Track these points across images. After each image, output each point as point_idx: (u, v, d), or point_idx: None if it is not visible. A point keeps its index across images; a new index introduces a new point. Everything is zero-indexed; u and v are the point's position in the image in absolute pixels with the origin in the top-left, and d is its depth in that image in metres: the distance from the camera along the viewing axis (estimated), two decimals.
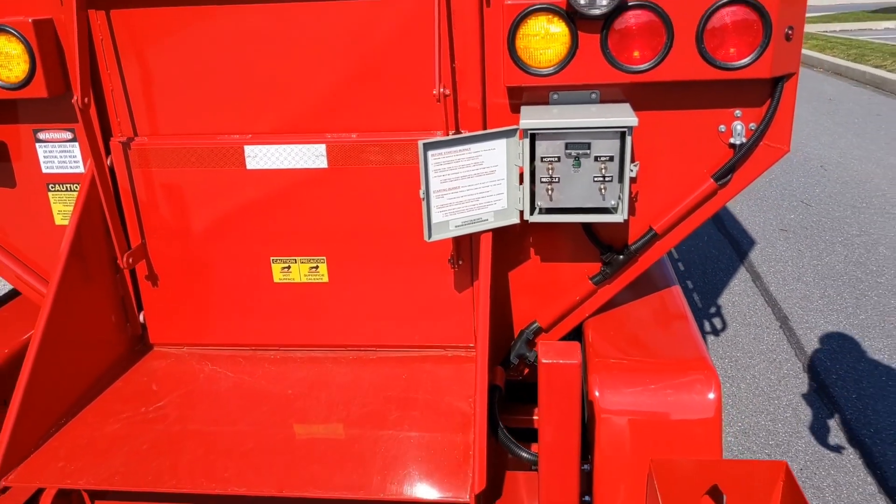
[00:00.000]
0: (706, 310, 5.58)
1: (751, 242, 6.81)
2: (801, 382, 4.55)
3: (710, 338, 5.18)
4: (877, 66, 14.78)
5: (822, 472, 3.73)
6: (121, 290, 2.75)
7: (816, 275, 6.03)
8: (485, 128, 2.32)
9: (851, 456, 3.83)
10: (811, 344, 4.99)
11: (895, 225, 6.83)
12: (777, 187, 8.17)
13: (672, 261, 5.97)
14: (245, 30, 2.36)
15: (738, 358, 4.88)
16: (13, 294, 3.13)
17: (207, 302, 2.70)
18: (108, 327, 2.71)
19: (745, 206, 7.68)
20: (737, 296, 5.80)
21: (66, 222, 2.70)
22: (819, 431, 4.06)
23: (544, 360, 1.70)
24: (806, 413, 4.24)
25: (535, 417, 2.70)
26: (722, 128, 2.28)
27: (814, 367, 4.69)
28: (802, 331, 5.17)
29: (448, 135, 2.26)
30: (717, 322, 5.40)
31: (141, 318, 2.78)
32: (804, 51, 17.88)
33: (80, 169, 2.63)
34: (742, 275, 6.17)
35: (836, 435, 4.01)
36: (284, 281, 2.62)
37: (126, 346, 2.79)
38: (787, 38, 2.13)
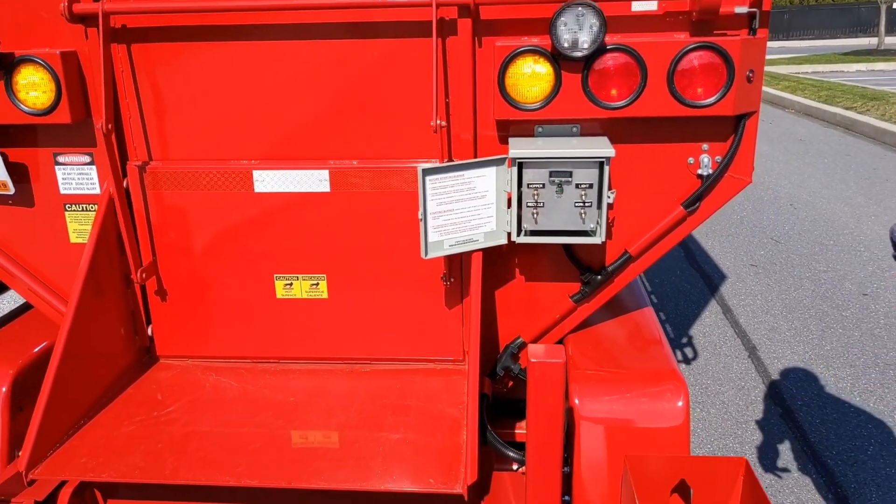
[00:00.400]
0: (678, 340, 5.81)
1: (722, 277, 7.08)
2: (768, 408, 4.77)
3: (682, 366, 5.40)
4: (847, 108, 15.32)
5: (786, 490, 3.93)
6: (131, 304, 2.92)
7: (784, 308, 6.29)
8: (475, 157, 2.55)
9: (814, 475, 4.05)
10: (778, 372, 5.22)
11: (861, 261, 7.12)
12: (748, 225, 8.48)
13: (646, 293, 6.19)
14: (255, 63, 2.57)
15: (708, 385, 5.10)
16: (25, 307, 3.29)
17: (213, 316, 2.88)
18: (118, 339, 2.88)
19: (717, 242, 7.97)
20: (708, 327, 6.04)
21: (80, 240, 2.88)
22: (784, 453, 4.27)
23: (533, 360, 1.90)
24: (772, 436, 4.45)
25: (517, 431, 2.89)
26: (690, 160, 2.52)
27: (780, 394, 4.92)
28: (770, 360, 5.41)
29: (443, 162, 2.49)
30: (688, 351, 5.62)
31: (149, 331, 2.95)
32: (777, 92, 18.53)
33: (96, 190, 2.81)
34: (713, 307, 6.42)
35: (800, 456, 4.23)
36: (286, 297, 2.81)
37: (133, 358, 2.95)
38: (749, 79, 2.39)
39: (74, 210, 2.86)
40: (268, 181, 2.66)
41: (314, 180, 2.65)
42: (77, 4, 2.46)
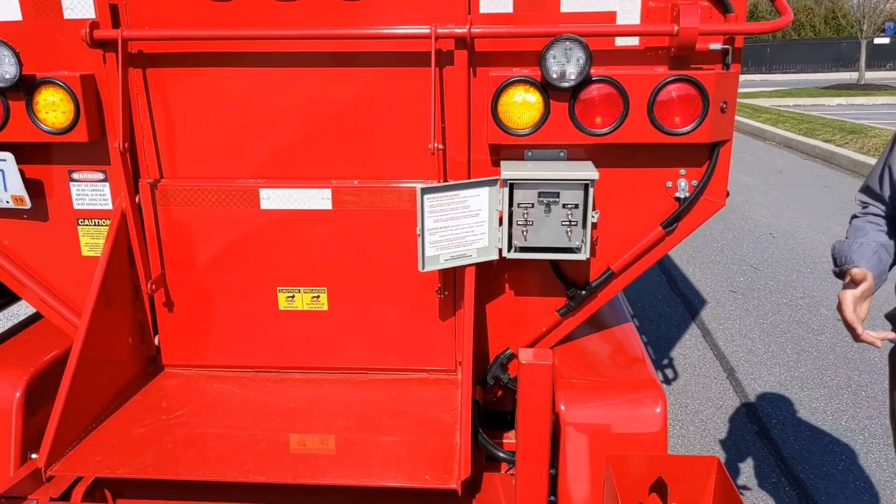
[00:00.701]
0: (660, 361, 5.99)
1: (702, 302, 7.28)
2: (745, 426, 4.95)
3: (663, 386, 5.56)
4: (826, 141, 15.70)
5: (760, 500, 4.10)
6: (139, 314, 3.07)
7: (762, 332, 6.49)
8: (469, 178, 2.73)
9: (787, 488, 4.22)
10: (755, 393, 5.41)
11: (837, 288, 7.24)
12: (728, 252, 8.72)
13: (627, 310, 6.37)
14: (263, 88, 2.74)
15: (687, 404, 5.27)
16: (35, 317, 3.43)
17: (217, 326, 3.02)
18: (126, 348, 3.02)
19: (698, 268, 8.19)
20: (688, 349, 6.23)
21: (91, 253, 3.02)
22: (759, 467, 4.44)
23: (524, 362, 2.07)
24: (748, 451, 4.63)
25: (506, 440, 3.05)
26: (669, 184, 2.72)
27: (756, 413, 5.10)
28: (747, 381, 5.59)
29: (440, 183, 2.67)
30: (669, 372, 5.80)
31: (156, 340, 3.10)
32: (758, 124, 18.92)
33: (109, 206, 2.96)
34: (693, 331, 6.61)
35: (774, 471, 4.40)
36: (288, 309, 2.96)
37: (140, 367, 3.09)
38: (722, 110, 2.59)
39: (87, 224, 3.01)
40: (273, 199, 2.83)
41: (317, 198, 2.82)
42: (98, 31, 2.63)
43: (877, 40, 35.27)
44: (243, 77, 2.75)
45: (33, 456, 2.90)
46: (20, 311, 4.66)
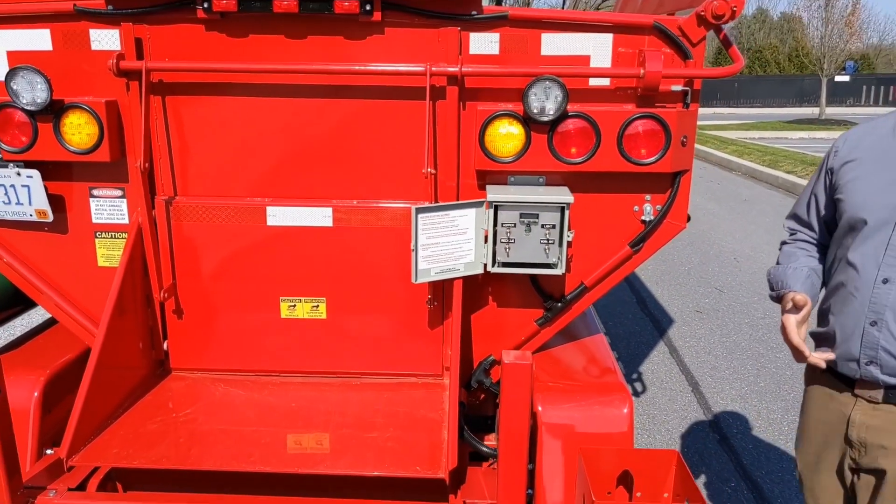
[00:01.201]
0: (629, 376, 6.30)
1: (670, 321, 7.64)
2: (707, 435, 5.28)
3: (632, 398, 5.88)
4: (788, 172, 16.28)
5: (720, 502, 4.42)
6: (150, 321, 3.32)
7: (725, 349, 6.85)
8: (458, 200, 3.03)
9: (746, 491, 4.55)
10: (717, 405, 5.75)
11: None
12: (694, 275, 9.10)
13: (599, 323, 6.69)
14: (272, 116, 3.02)
15: (654, 415, 5.59)
16: (50, 322, 3.67)
17: (223, 333, 3.27)
18: (137, 352, 3.26)
19: (666, 290, 8.56)
20: (656, 365, 6.57)
21: (106, 264, 3.26)
22: (720, 472, 4.77)
23: (506, 362, 2.36)
24: (710, 457, 4.95)
25: (487, 443, 3.32)
26: (636, 208, 3.04)
27: (718, 424, 5.44)
28: (710, 394, 5.94)
29: (432, 204, 2.97)
30: (637, 386, 6.13)
31: (165, 345, 3.34)
32: (725, 155, 19.49)
33: (125, 220, 3.20)
34: (661, 348, 6.95)
35: (734, 475, 4.72)
36: (290, 317, 3.23)
37: (149, 370, 3.32)
38: (683, 144, 2.92)
39: (104, 237, 3.25)
40: (279, 216, 3.11)
41: (319, 216, 3.10)
42: (124, 62, 2.90)
43: (837, 78, 36.64)
44: (254, 105, 3.02)
45: (48, 451, 3.13)
46: (33, 318, 4.88)
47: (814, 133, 26.87)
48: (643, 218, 3.04)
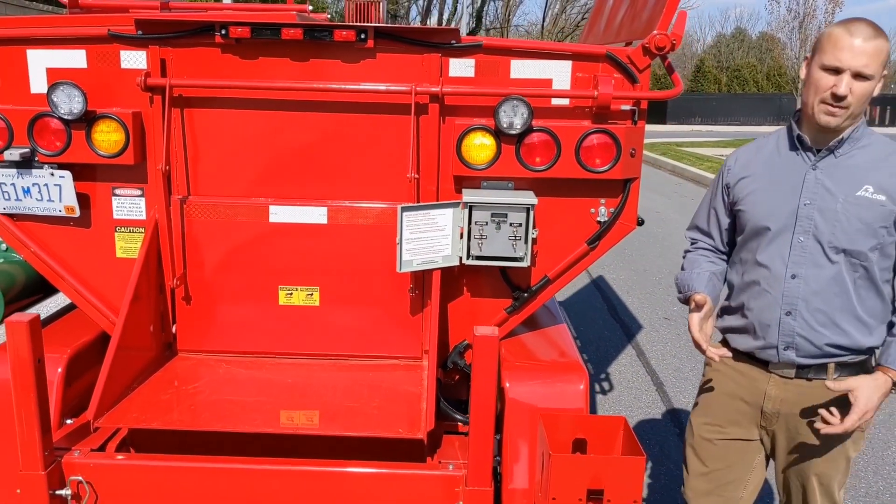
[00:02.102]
0: (597, 375, 6.75)
1: (638, 327, 8.10)
2: (669, 429, 5.72)
3: (599, 396, 6.34)
4: None
5: (679, 492, 4.84)
6: (161, 307, 3.72)
7: (689, 353, 7.29)
8: (438, 200, 3.47)
9: None
10: (679, 403, 6.20)
11: None
12: (663, 284, 9.57)
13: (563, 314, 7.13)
14: (276, 127, 3.44)
15: (620, 411, 6.03)
16: (69, 307, 4.07)
17: (226, 318, 3.67)
18: (148, 335, 3.66)
19: (636, 298, 9.03)
20: (623, 367, 7.01)
21: (124, 255, 3.65)
22: (679, 462, 5.19)
23: (478, 335, 2.78)
24: (670, 449, 5.39)
25: (461, 428, 3.73)
26: (592, 210, 3.49)
27: (679, 419, 5.88)
28: (673, 393, 6.39)
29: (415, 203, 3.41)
30: (605, 385, 6.57)
31: (173, 329, 3.75)
32: (700, 171, 20.06)
33: (143, 216, 3.59)
34: (629, 351, 7.40)
35: None
36: (287, 304, 3.64)
37: (158, 351, 3.72)
38: (632, 155, 3.38)
39: (123, 231, 3.65)
40: (280, 214, 3.53)
41: (315, 215, 3.53)
42: (150, 79, 3.33)
43: None
44: (261, 117, 3.45)
45: (68, 421, 3.53)
46: (49, 307, 5.26)
47: None
48: (598, 219, 3.49)
